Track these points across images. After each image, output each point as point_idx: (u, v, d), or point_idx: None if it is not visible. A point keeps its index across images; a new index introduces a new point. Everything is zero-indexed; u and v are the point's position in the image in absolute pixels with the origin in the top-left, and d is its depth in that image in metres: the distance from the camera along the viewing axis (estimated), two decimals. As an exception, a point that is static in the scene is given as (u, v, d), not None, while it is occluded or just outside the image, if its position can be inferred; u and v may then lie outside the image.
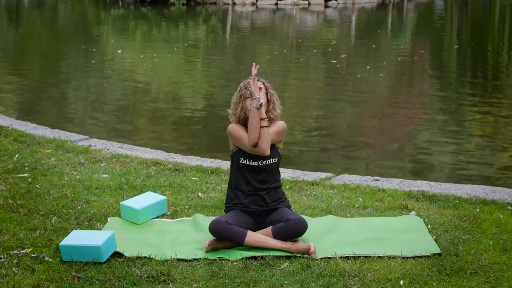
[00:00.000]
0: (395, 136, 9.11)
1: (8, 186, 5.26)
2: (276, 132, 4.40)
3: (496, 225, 4.57)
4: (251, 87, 4.31)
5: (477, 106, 11.02)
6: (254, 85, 4.32)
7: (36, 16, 30.00)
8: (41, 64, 15.79)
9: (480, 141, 8.72)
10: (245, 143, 4.33)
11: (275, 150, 4.44)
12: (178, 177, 5.67)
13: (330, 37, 21.72)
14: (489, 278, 3.77)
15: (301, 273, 3.85)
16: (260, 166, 4.37)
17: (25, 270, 3.83)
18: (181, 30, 23.10)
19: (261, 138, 4.27)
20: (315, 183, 5.58)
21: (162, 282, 3.72)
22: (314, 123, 9.73)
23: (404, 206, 4.95)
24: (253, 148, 4.31)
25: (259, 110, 4.28)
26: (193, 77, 13.89)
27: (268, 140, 4.29)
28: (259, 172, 4.39)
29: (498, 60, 16.78)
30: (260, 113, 4.29)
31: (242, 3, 32.92)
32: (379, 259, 4.04)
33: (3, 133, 7.13)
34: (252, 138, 4.28)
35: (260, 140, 4.27)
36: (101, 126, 9.44)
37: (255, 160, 4.37)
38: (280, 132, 4.42)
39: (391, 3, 35.69)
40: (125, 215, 4.71)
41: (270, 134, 4.34)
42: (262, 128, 4.28)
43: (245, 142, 4.33)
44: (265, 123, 4.28)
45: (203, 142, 8.63)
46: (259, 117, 4.28)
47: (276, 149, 4.45)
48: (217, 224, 4.16)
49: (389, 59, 16.79)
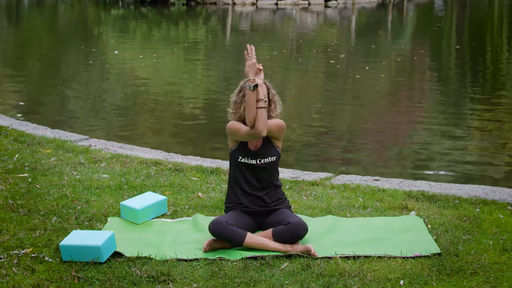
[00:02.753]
0: (395, 136, 9.11)
1: (8, 186, 5.26)
2: (276, 124, 4.38)
3: (496, 225, 4.57)
4: (245, 68, 4.28)
5: (478, 106, 11.03)
6: (249, 66, 4.28)
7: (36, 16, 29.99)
8: (41, 64, 15.78)
9: (480, 141, 8.72)
10: (243, 132, 4.31)
11: (274, 148, 4.43)
12: (178, 177, 5.67)
13: (330, 37, 21.72)
14: (489, 278, 3.77)
15: (301, 273, 3.85)
16: (258, 164, 4.37)
17: (25, 270, 3.83)
18: (181, 30, 23.10)
19: (258, 119, 4.22)
20: (315, 183, 5.58)
21: (162, 282, 3.72)
22: (314, 123, 9.72)
23: (404, 206, 4.95)
24: (251, 131, 4.27)
25: (254, 91, 4.24)
26: (193, 77, 13.90)
27: (265, 121, 4.23)
28: (257, 171, 4.38)
29: (498, 60, 16.77)
30: (257, 94, 4.24)
31: (242, 3, 32.91)
32: (379, 259, 4.04)
33: (3, 133, 7.13)
34: (250, 120, 4.24)
35: (256, 121, 4.22)
36: (101, 126, 9.44)
37: (253, 158, 4.37)
38: (280, 126, 4.39)
39: (391, 3, 35.68)
40: (125, 215, 4.71)
41: (271, 125, 4.32)
42: (258, 109, 4.23)
43: (242, 131, 4.31)
44: (261, 104, 4.24)
45: (203, 142, 8.63)
46: (255, 99, 4.24)
47: (275, 147, 4.44)
48: (217, 224, 4.16)
49: (389, 59, 16.78)
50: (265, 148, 4.41)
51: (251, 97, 4.23)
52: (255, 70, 4.29)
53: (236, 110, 4.41)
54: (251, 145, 4.41)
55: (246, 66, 4.28)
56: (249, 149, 4.41)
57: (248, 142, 4.40)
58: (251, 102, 4.23)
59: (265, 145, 4.42)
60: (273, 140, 4.45)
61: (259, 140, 4.39)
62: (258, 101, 4.24)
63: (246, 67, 4.28)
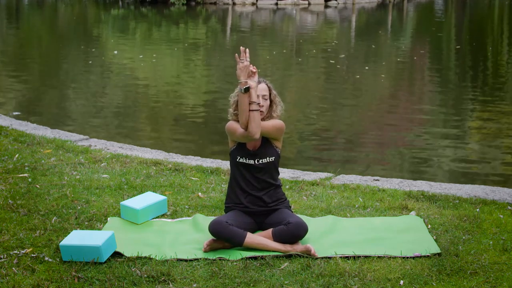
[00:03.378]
0: (395, 136, 9.11)
1: (8, 186, 5.26)
2: (274, 125, 4.37)
3: (496, 225, 4.57)
4: (237, 70, 4.28)
5: (478, 106, 11.03)
6: (240, 69, 4.27)
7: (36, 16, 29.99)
8: (41, 64, 15.78)
9: (481, 141, 8.72)
10: (238, 133, 4.32)
11: (273, 149, 4.43)
12: (178, 177, 5.67)
13: (330, 37, 21.72)
14: (489, 278, 3.77)
15: (301, 273, 3.85)
16: (256, 164, 4.37)
17: (25, 270, 3.83)
18: (181, 30, 23.10)
19: (250, 122, 4.22)
20: (315, 183, 5.58)
21: (162, 282, 3.72)
22: (314, 122, 9.73)
23: (404, 206, 4.95)
24: (244, 133, 4.27)
25: (246, 94, 4.23)
26: (193, 77, 13.89)
27: (258, 123, 4.23)
28: (256, 171, 4.38)
29: (498, 60, 16.77)
30: (249, 96, 4.25)
31: (242, 3, 32.91)
32: (379, 259, 4.04)
33: (3, 133, 7.13)
34: (243, 122, 4.25)
35: (249, 123, 4.23)
36: (101, 126, 9.44)
37: (251, 158, 4.37)
38: (278, 127, 4.39)
39: (391, 3, 35.68)
40: (125, 215, 4.71)
41: (267, 126, 4.32)
42: (251, 111, 4.23)
43: (238, 133, 4.32)
44: (254, 106, 4.24)
45: (203, 142, 8.63)
46: (247, 101, 4.24)
47: (273, 148, 4.43)
48: (217, 224, 4.16)
49: (389, 59, 16.78)
50: (263, 148, 4.41)
51: (244, 100, 4.24)
52: (246, 73, 4.28)
53: (235, 111, 4.43)
54: (250, 145, 4.41)
55: (238, 69, 4.28)
56: (248, 149, 4.41)
57: (246, 142, 4.41)
58: (243, 105, 4.24)
59: (263, 146, 4.42)
60: (272, 140, 4.45)
61: (257, 140, 4.39)
62: (251, 104, 4.25)
63: (238, 69, 4.28)
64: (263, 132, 4.33)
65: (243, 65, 4.26)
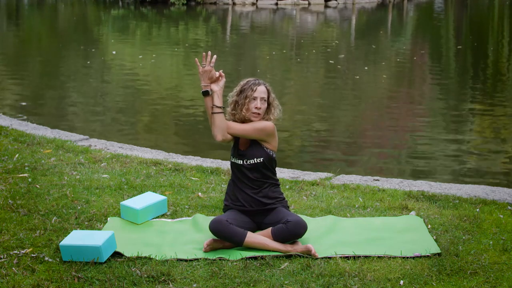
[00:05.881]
0: (395, 136, 9.11)
1: (8, 186, 5.26)
2: (254, 127, 4.36)
3: (496, 225, 4.57)
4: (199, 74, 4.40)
5: (478, 106, 11.03)
6: (200, 72, 4.39)
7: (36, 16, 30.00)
8: (41, 64, 15.78)
9: (481, 141, 8.73)
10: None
11: (262, 150, 4.39)
12: (178, 177, 5.67)
13: (330, 37, 21.72)
14: (489, 278, 3.77)
15: (301, 273, 3.85)
16: (244, 165, 4.38)
17: (25, 270, 3.83)
18: (181, 30, 23.09)
19: (212, 124, 4.37)
20: (315, 183, 5.58)
21: (162, 282, 3.72)
22: (314, 122, 9.73)
23: (404, 206, 4.95)
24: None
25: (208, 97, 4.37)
26: (193, 77, 13.89)
27: (219, 127, 4.32)
28: (246, 171, 4.39)
29: (498, 60, 16.77)
30: (212, 100, 4.36)
31: (242, 3, 32.91)
32: (379, 259, 4.04)
33: (3, 133, 7.13)
34: (210, 124, 4.39)
35: (211, 126, 4.38)
36: (101, 126, 9.44)
37: (240, 158, 4.40)
38: (259, 129, 4.35)
39: (391, 3, 35.68)
40: (125, 215, 4.71)
41: (246, 129, 4.35)
42: (213, 114, 4.35)
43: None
44: (216, 109, 4.34)
45: (203, 142, 8.63)
46: (210, 104, 4.38)
47: (263, 149, 4.39)
48: (217, 223, 4.16)
49: (389, 59, 16.78)
50: (251, 149, 4.39)
51: (206, 103, 4.40)
52: (207, 77, 4.38)
53: (232, 110, 4.45)
54: (241, 145, 4.43)
55: (198, 73, 4.40)
56: (239, 149, 4.44)
57: (238, 142, 4.44)
58: (206, 108, 4.41)
59: (252, 146, 4.40)
60: (261, 142, 4.42)
61: (247, 140, 4.40)
62: (212, 107, 4.35)
63: (199, 73, 4.40)
64: (241, 134, 4.37)
65: (202, 70, 4.39)
